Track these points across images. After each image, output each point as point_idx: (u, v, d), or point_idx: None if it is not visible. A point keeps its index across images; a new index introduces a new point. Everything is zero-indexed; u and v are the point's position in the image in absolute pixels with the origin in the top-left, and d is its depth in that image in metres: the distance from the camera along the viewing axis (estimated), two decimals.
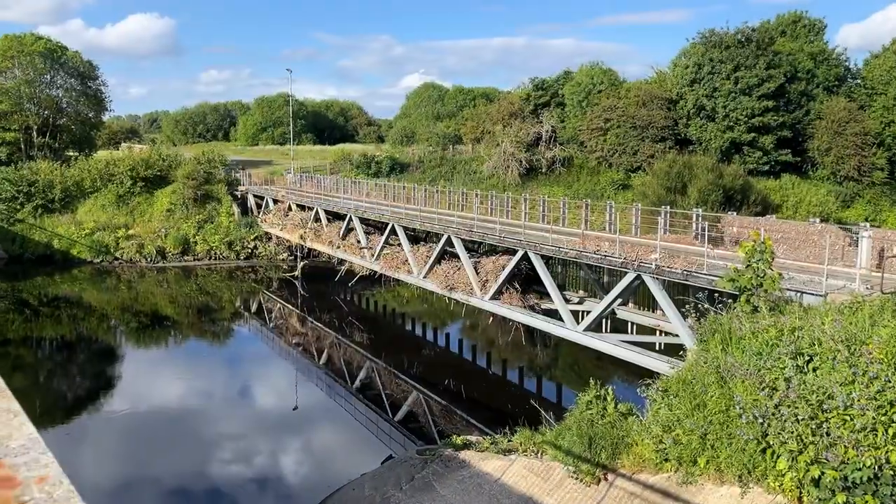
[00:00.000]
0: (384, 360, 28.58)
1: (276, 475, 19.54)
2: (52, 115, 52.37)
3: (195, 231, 45.88)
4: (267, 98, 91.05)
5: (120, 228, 45.44)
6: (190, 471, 19.64)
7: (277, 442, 21.78)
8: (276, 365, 30.98)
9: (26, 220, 45.67)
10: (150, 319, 37.49)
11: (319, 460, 21.04)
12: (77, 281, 43.49)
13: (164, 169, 49.09)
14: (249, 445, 21.28)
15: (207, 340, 34.92)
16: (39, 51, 50.81)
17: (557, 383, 27.55)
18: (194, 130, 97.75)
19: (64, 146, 54.01)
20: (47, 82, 52.46)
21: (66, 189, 46.61)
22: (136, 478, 19.17)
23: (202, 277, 44.23)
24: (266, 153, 72.64)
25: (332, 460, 21.14)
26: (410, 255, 29.53)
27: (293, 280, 41.89)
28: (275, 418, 23.89)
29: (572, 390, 27.04)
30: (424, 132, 63.96)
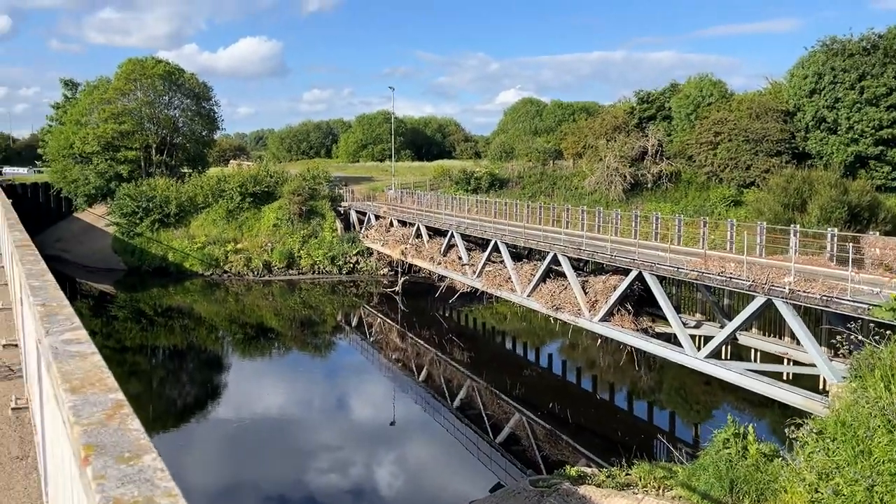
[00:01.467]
0: (485, 380, 27.93)
1: (374, 492, 19.21)
2: (169, 134, 55.16)
3: (300, 246, 46.91)
4: (367, 116, 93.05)
5: (229, 242, 47.05)
6: (288, 479, 19.66)
7: (375, 456, 21.52)
8: (375, 379, 30.93)
9: (144, 233, 48.04)
10: (256, 331, 38.42)
11: (418, 479, 20.58)
12: (189, 292, 45.24)
13: (271, 185, 50.59)
14: (347, 458, 21.13)
15: (309, 353, 35.38)
16: (159, 74, 53.68)
17: (670, 412, 26.03)
18: (298, 148, 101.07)
19: (179, 163, 56.71)
20: (165, 103, 55.36)
21: (181, 204, 48.74)
22: (237, 483, 19.38)
23: (306, 291, 45.07)
24: (366, 170, 73.94)
25: (432, 480, 20.64)
26: (514, 273, 28.83)
27: (393, 295, 41.98)
28: (372, 432, 23.70)
29: (686, 419, 25.56)
30: (523, 147, 63.31)
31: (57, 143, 55.99)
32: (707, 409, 26.39)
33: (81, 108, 55.17)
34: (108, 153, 52.46)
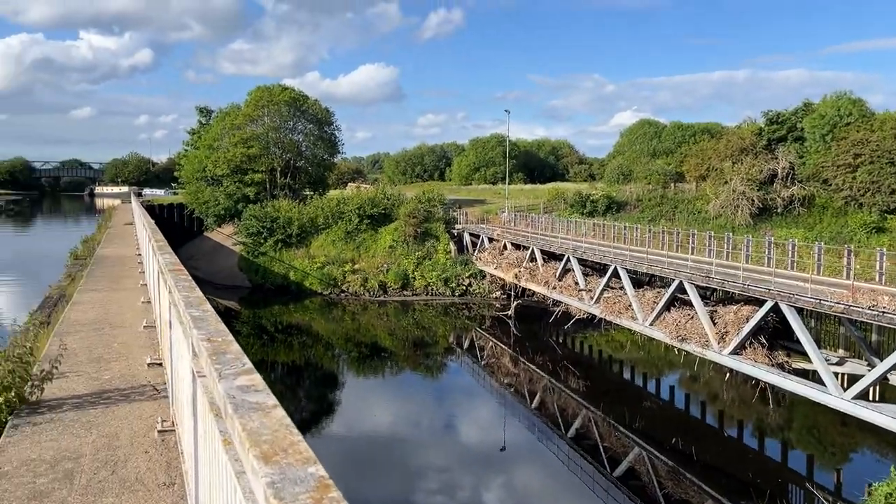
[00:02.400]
0: (601, 410, 26.93)
1: None
2: (293, 157, 57.53)
3: (414, 267, 47.40)
4: (481, 139, 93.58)
5: (347, 263, 48.22)
6: (397, 499, 19.58)
7: (484, 481, 21.11)
8: (486, 403, 30.55)
9: (268, 252, 50.10)
10: (370, 350, 39.00)
11: None
12: (308, 311, 46.64)
13: (388, 207, 51.57)
14: (455, 480, 20.86)
15: (421, 373, 35.49)
16: (285, 100, 56.22)
17: (807, 454, 24.09)
18: (412, 171, 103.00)
19: (301, 186, 58.98)
20: (290, 128, 57.86)
21: (302, 225, 50.54)
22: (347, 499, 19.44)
23: (419, 312, 45.41)
24: (479, 192, 74.17)
25: None
26: (634, 300, 27.76)
27: (506, 319, 41.53)
28: (481, 456, 23.31)
29: (823, 462, 23.55)
30: (642, 170, 61.49)
31: (191, 167, 59.70)
32: (845, 451, 24.29)
33: (214, 133, 58.62)
34: (237, 176, 55.28)
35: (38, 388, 7.67)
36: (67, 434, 6.76)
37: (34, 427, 6.94)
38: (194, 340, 3.34)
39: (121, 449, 6.35)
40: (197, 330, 3.38)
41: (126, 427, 6.97)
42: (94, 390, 8.25)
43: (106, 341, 10.93)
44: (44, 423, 7.06)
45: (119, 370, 9.19)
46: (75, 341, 10.81)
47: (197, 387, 3.85)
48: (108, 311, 13.51)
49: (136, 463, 6.02)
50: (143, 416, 7.32)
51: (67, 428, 6.93)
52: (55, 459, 6.12)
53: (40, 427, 6.95)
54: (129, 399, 7.89)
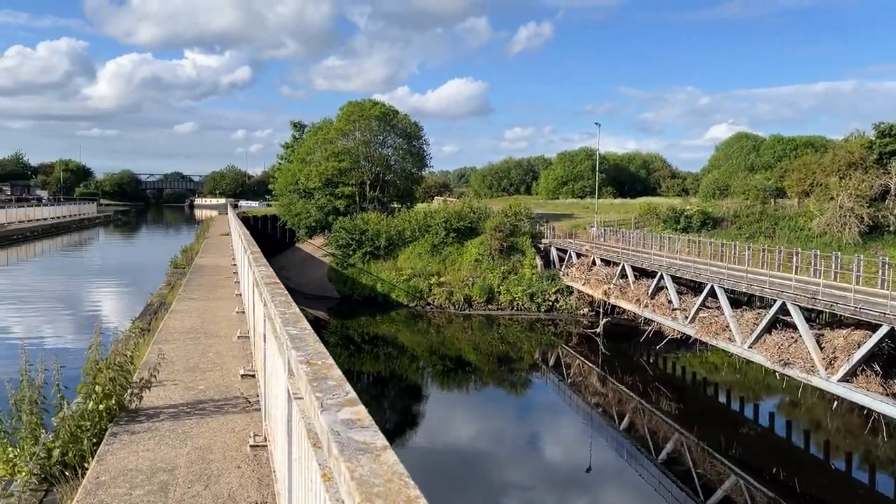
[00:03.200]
0: (695, 435, 25.69)
1: None
2: (382, 171, 58.38)
3: (499, 281, 47.01)
4: (569, 153, 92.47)
5: (433, 276, 48.34)
6: None
7: (569, 502, 20.44)
8: (571, 422, 29.75)
9: (356, 264, 50.87)
10: (454, 363, 38.80)
11: None
12: (394, 322, 46.99)
13: (474, 221, 51.46)
14: (538, 499, 20.28)
15: (505, 388, 35.01)
16: (376, 115, 57.20)
17: None
18: (499, 185, 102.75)
19: (389, 199, 59.74)
20: (380, 142, 58.77)
21: (390, 238, 51.08)
22: None
23: (504, 327, 44.95)
24: (566, 206, 73.11)
25: None
26: (732, 321, 26.44)
27: (594, 336, 40.51)
28: (566, 475, 22.64)
29: None
30: (739, 185, 59.01)
31: (285, 180, 61.54)
32: None
33: (307, 147, 60.26)
34: (328, 189, 56.55)
35: (137, 396, 7.80)
36: (164, 445, 6.80)
37: (132, 436, 7.03)
38: (292, 361, 3.15)
39: (214, 463, 6.32)
40: (295, 350, 3.19)
41: (219, 440, 6.96)
42: (190, 400, 8.34)
43: (201, 350, 11.13)
44: (141, 432, 7.14)
45: (213, 380, 9.29)
46: (172, 350, 11.05)
47: (293, 409, 3.67)
48: (203, 320, 13.83)
49: (228, 479, 5.96)
50: (235, 429, 7.30)
51: (164, 438, 6.99)
52: (151, 470, 6.14)
53: (138, 436, 7.03)
54: (222, 411, 7.91)
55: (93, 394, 7.27)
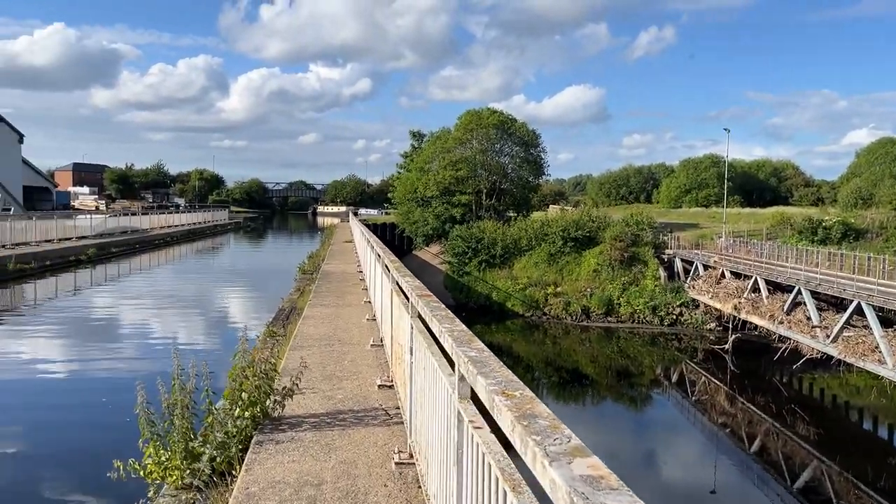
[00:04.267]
0: (837, 463, 23.62)
1: None
2: (499, 179, 58.20)
3: (619, 293, 45.57)
4: (692, 160, 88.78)
5: (549, 285, 47.51)
6: None
7: None
8: (694, 441, 28.13)
9: (472, 272, 50.84)
10: (571, 376, 37.84)
11: None
12: (509, 332, 46.53)
13: (592, 230, 50.25)
14: None
15: (624, 404, 33.73)
16: (493, 123, 57.14)
17: None
18: (617, 193, 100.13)
19: (505, 208, 59.44)
20: (497, 150, 58.63)
21: (506, 246, 50.72)
22: None
23: (623, 340, 43.50)
24: (690, 216, 70.13)
25: None
26: (883, 342, 24.21)
27: (721, 353, 38.38)
28: (687, 495, 21.34)
29: None
30: (886, 193, 54.46)
31: (403, 188, 62.56)
32: None
33: (425, 156, 61.00)
34: (445, 197, 56.96)
35: (279, 404, 7.81)
36: (308, 456, 6.71)
37: (277, 445, 7.00)
38: (480, 389, 2.82)
39: (360, 479, 6.14)
40: (483, 378, 2.86)
41: (363, 454, 6.80)
42: (329, 410, 8.28)
43: (336, 358, 11.16)
44: (286, 442, 7.11)
45: (351, 390, 9.23)
46: (308, 356, 11.13)
47: (469, 438, 3.35)
48: (336, 327, 13.96)
49: (376, 497, 5.75)
50: (377, 442, 7.13)
51: (308, 450, 6.91)
52: (298, 484, 6.04)
53: (283, 446, 6.99)
54: (362, 422, 7.79)
55: (239, 401, 7.32)
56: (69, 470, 10.60)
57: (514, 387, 2.74)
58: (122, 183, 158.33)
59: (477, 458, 3.17)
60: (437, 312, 4.68)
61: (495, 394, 2.65)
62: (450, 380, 4.15)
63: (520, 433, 2.22)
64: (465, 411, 3.54)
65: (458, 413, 3.68)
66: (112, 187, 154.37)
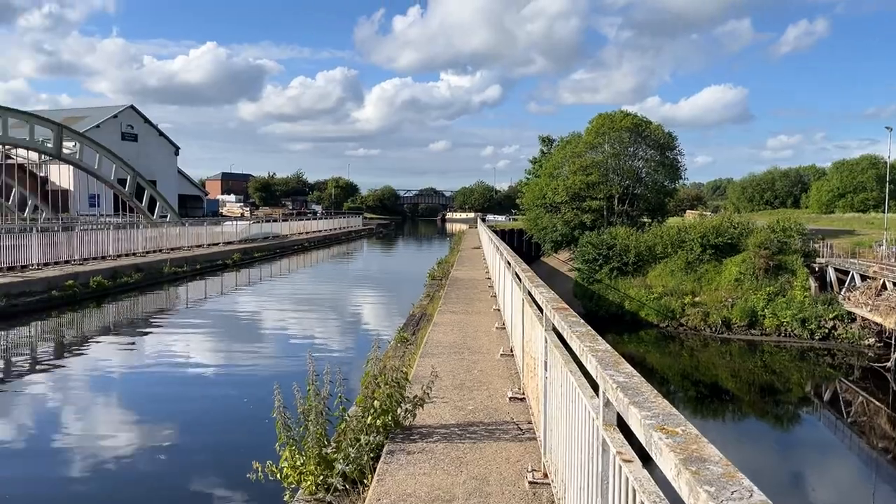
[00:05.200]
0: None
1: None
2: (632, 184, 56.41)
3: (764, 304, 42.70)
4: (847, 162, 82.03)
5: (686, 295, 45.35)
6: None
7: None
8: (849, 465, 25.55)
9: (603, 280, 49.47)
10: (709, 390, 35.81)
11: None
12: (642, 342, 44.86)
13: (734, 237, 47.53)
14: None
15: (768, 422, 31.40)
16: (626, 126, 55.46)
17: None
18: (761, 197, 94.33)
19: (639, 213, 57.48)
20: (630, 154, 56.85)
21: (639, 253, 48.95)
22: None
23: (768, 354, 40.75)
24: (845, 222, 64.77)
25: None
26: None
27: (882, 371, 35.04)
28: None
29: None
30: None
31: (531, 194, 62.03)
32: None
33: (554, 161, 60.21)
34: (575, 203, 55.91)
35: (410, 413, 7.74)
36: (439, 469, 6.57)
37: (408, 456, 6.91)
38: (637, 423, 2.50)
39: (492, 497, 5.92)
40: (637, 408, 2.54)
41: (494, 470, 6.57)
42: (460, 421, 8.12)
43: (466, 367, 11.02)
44: (416, 453, 7.01)
45: (481, 401, 9.04)
46: (438, 364, 11.07)
47: (619, 469, 3.03)
48: (465, 335, 13.86)
49: None
50: (510, 458, 6.88)
51: (438, 462, 6.77)
52: (429, 498, 5.90)
53: (414, 457, 6.90)
54: (493, 436, 7.56)
55: (371, 408, 7.31)
56: (213, 465, 11.11)
57: (674, 421, 2.40)
58: (265, 191, 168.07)
59: (625, 494, 2.85)
60: (575, 328, 4.37)
61: (652, 429, 2.32)
62: (592, 402, 3.84)
63: (687, 481, 1.90)
64: (611, 440, 3.22)
65: (602, 440, 3.37)
66: (256, 195, 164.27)
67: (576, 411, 4.29)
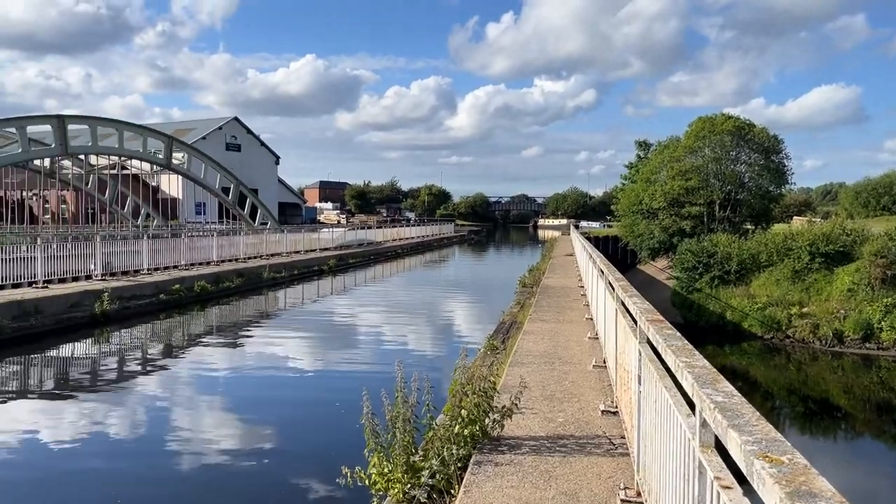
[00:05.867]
0: None
1: None
2: (734, 189, 54.12)
3: (881, 316, 39.91)
4: None
5: (793, 306, 43.00)
6: None
7: None
8: None
9: (703, 289, 47.65)
10: (819, 407, 33.72)
11: None
12: (745, 354, 42.86)
13: (847, 245, 44.74)
14: None
15: (886, 443, 29.21)
16: (728, 130, 53.29)
17: None
18: (877, 202, 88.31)
19: (742, 220, 55.08)
20: (732, 158, 54.58)
21: (742, 262, 46.87)
22: None
23: (886, 370, 38.00)
24: None
25: None
26: None
27: None
28: None
29: None
30: None
31: (627, 200, 60.57)
32: None
33: (652, 166, 58.60)
34: (673, 209, 54.19)
35: (498, 423, 7.62)
36: (527, 483, 6.42)
37: (496, 468, 6.80)
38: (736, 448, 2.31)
39: None
40: (736, 432, 2.34)
41: (585, 486, 6.36)
42: (550, 434, 7.93)
43: (556, 377, 10.79)
44: (504, 465, 6.88)
45: (572, 413, 8.80)
46: (527, 374, 10.89)
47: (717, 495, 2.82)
48: (556, 344, 13.60)
49: None
50: (601, 474, 6.64)
51: (527, 475, 6.62)
52: None
53: (501, 469, 6.77)
54: (584, 450, 7.33)
55: (458, 417, 7.24)
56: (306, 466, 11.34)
57: (779, 449, 2.19)
58: (360, 198, 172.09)
59: None
60: (671, 342, 4.14)
61: (754, 456, 2.12)
62: (687, 421, 3.61)
63: None
64: (708, 463, 3.01)
65: (698, 463, 3.16)
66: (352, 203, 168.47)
67: (670, 429, 4.06)
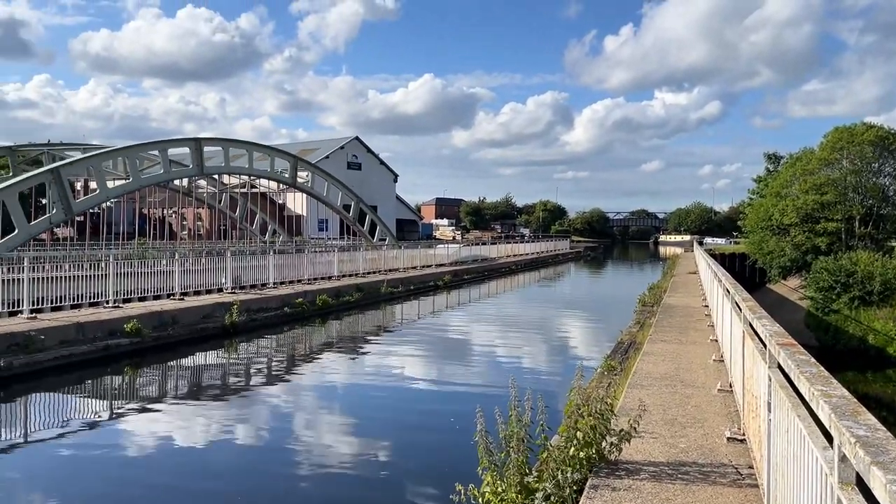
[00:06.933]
0: None
1: None
2: (876, 204, 50.23)
3: None
4: None
5: None
6: None
7: None
8: None
9: (841, 310, 44.42)
10: None
11: None
12: (891, 382, 39.45)
13: None
14: None
15: None
16: (870, 140, 49.59)
17: None
18: None
19: (885, 236, 50.99)
20: (874, 171, 50.72)
21: (886, 281, 43.35)
22: None
23: None
24: None
25: None
26: None
27: None
28: None
29: None
30: None
31: (756, 215, 57.51)
32: None
33: (782, 180, 55.42)
34: (807, 225, 50.93)
35: (616, 447, 7.39)
36: None
37: (612, 493, 6.57)
38: (881, 489, 2.11)
39: None
40: (882, 471, 2.14)
41: None
42: (671, 460, 7.59)
43: (678, 401, 10.34)
44: (622, 490, 6.64)
45: (695, 439, 8.40)
46: (647, 396, 10.51)
47: None
48: (678, 366, 13.06)
49: None
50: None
51: (645, 502, 6.36)
52: None
53: (618, 494, 6.54)
54: (707, 479, 6.96)
55: (574, 439, 7.08)
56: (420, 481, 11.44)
57: None
58: (475, 215, 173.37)
59: None
60: (804, 368, 3.87)
61: None
62: (823, 454, 3.35)
63: None
64: (848, 501, 2.77)
65: (837, 500, 2.92)
66: (467, 219, 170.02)
67: (805, 462, 3.78)
